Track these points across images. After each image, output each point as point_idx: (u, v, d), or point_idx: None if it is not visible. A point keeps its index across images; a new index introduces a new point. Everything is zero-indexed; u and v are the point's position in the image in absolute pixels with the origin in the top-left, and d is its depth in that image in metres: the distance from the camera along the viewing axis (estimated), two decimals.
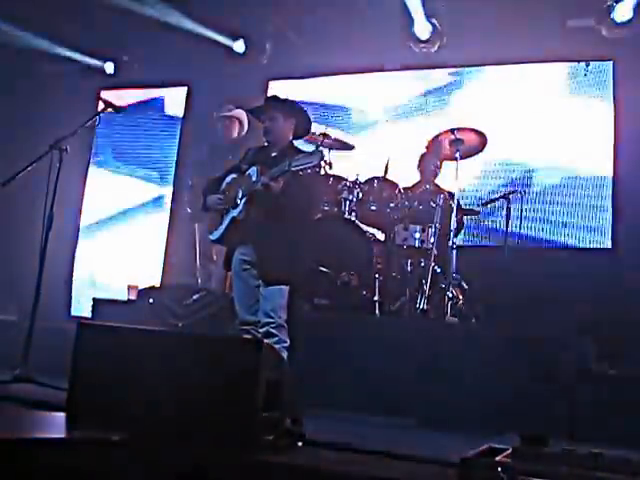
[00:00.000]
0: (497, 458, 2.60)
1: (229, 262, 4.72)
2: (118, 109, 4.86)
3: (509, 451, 2.72)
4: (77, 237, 9.21)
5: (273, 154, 4.63)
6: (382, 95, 8.00)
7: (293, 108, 4.74)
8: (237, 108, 7.23)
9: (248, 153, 4.90)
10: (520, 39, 7.03)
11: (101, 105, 5.02)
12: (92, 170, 9.36)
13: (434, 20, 7.43)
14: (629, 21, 6.74)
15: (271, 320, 4.39)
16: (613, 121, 6.92)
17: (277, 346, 4.32)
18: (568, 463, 2.53)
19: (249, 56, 8.25)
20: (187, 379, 3.00)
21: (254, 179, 4.47)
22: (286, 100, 4.74)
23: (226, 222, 4.65)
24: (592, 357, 5.23)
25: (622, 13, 6.76)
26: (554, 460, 2.58)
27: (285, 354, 4.37)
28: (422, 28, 7.48)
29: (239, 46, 8.26)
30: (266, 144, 4.80)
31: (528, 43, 7.03)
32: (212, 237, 4.84)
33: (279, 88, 7.97)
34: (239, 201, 4.54)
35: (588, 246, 6.85)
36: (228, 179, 4.77)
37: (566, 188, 7.05)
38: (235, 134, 7.22)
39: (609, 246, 6.75)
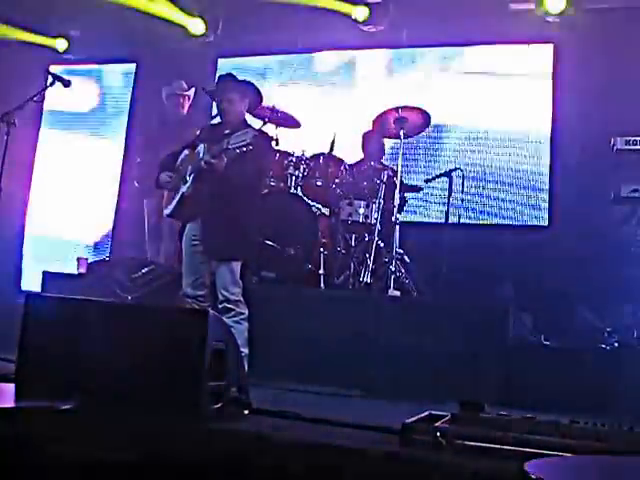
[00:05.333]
0: (436, 424, 2.70)
1: (182, 236, 4.81)
2: (66, 83, 4.80)
3: (448, 417, 2.83)
4: (26, 211, 9.04)
5: (226, 131, 4.68)
6: (327, 74, 8.05)
7: (248, 87, 4.81)
8: (187, 85, 7.22)
9: (202, 131, 4.96)
10: (463, 21, 7.14)
11: (50, 79, 4.95)
12: (41, 144, 9.19)
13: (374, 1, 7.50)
14: (563, 12, 6.84)
15: (224, 297, 4.56)
16: (551, 103, 7.10)
17: (235, 319, 4.51)
18: (503, 427, 2.65)
19: (201, 33, 8.19)
20: (135, 349, 3.00)
21: (200, 156, 4.55)
22: (242, 80, 4.80)
23: (177, 198, 4.73)
24: (528, 329, 5.44)
25: (554, 5, 6.84)
26: (490, 425, 2.70)
27: (246, 325, 4.55)
28: (360, 10, 7.53)
29: (196, 26, 8.12)
30: (219, 122, 4.87)
31: (471, 25, 7.14)
32: (166, 212, 4.95)
33: (228, 65, 7.99)
34: (188, 177, 4.62)
35: (525, 223, 7.07)
36: (182, 156, 4.82)
37: (505, 168, 7.23)
38: (185, 111, 7.22)
39: (545, 224, 6.98)
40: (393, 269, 5.78)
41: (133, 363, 2.99)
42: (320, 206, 6.30)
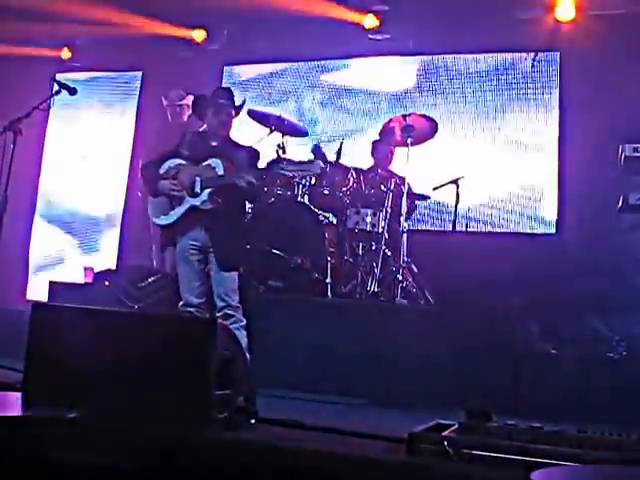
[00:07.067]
0: (444, 433, 2.70)
1: (166, 244, 4.84)
2: (72, 91, 4.81)
3: (455, 426, 2.82)
4: (33, 220, 9.06)
5: (213, 143, 4.71)
6: (333, 81, 8.07)
7: (240, 107, 4.85)
8: (186, 93, 7.22)
9: (186, 137, 4.90)
10: (470, 29, 7.15)
11: (55, 87, 4.95)
12: (47, 151, 9.21)
13: (381, 8, 7.52)
14: (573, 19, 6.85)
15: (226, 303, 4.56)
16: (558, 110, 7.10)
17: (235, 325, 4.48)
18: (510, 437, 2.64)
19: (205, 41, 8.22)
20: (141, 358, 3.01)
21: (220, 173, 4.53)
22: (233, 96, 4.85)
23: (183, 209, 4.64)
24: (535, 338, 5.41)
25: (564, 12, 6.86)
26: (497, 434, 2.68)
27: (244, 332, 4.53)
28: (368, 18, 7.55)
29: (199, 35, 8.17)
30: (203, 131, 4.89)
31: (478, 33, 7.16)
32: (161, 222, 4.80)
33: (233, 73, 8.00)
34: (199, 190, 4.55)
35: (533, 231, 7.05)
36: (171, 163, 4.73)
37: (513, 175, 7.22)
38: (185, 119, 7.23)
39: (553, 232, 6.97)
40: (400, 278, 5.78)
41: (140, 372, 2.99)
42: (327, 214, 6.31)
